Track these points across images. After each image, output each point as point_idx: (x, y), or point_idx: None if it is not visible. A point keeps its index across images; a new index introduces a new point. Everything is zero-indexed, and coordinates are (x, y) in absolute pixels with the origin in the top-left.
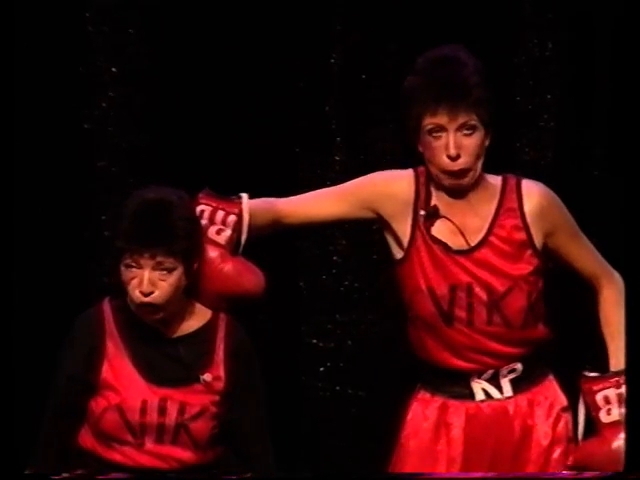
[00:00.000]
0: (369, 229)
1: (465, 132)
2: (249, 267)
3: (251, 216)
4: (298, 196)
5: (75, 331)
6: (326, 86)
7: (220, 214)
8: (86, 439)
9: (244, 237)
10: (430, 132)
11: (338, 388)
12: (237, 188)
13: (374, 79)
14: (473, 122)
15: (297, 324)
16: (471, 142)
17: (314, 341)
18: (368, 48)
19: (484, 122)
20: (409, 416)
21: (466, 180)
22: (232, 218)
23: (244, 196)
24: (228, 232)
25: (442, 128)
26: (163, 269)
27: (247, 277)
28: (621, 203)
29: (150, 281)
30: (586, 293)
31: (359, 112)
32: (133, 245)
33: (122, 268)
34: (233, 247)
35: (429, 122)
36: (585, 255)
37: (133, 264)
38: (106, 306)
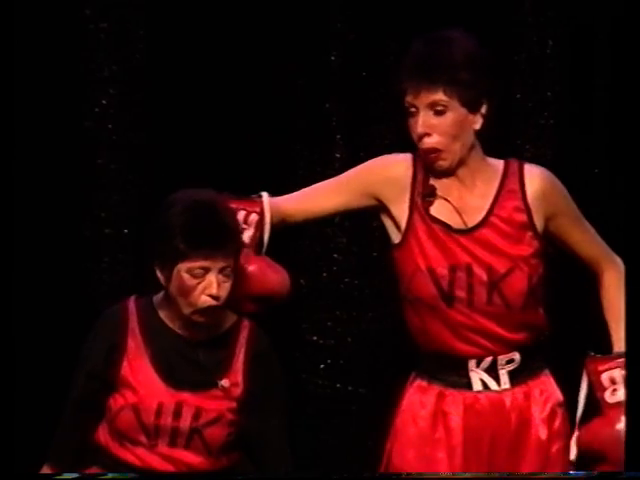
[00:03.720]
0: (369, 227)
1: (436, 110)
2: (274, 267)
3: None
4: (297, 193)
5: (98, 327)
6: (326, 83)
7: (242, 214)
8: (102, 435)
9: (267, 236)
10: (407, 110)
11: (338, 385)
12: (236, 186)
13: (374, 76)
14: (442, 102)
15: (297, 321)
16: (442, 121)
17: (314, 338)
18: (368, 45)
19: (462, 102)
20: (404, 404)
21: (444, 163)
22: (254, 217)
23: (265, 195)
24: (251, 231)
25: (413, 106)
26: (228, 271)
27: (272, 277)
28: (621, 201)
29: (219, 284)
30: (579, 289)
31: (359, 109)
32: (204, 250)
33: (183, 274)
34: (257, 246)
35: (404, 101)
36: (586, 239)
37: (200, 270)
38: (131, 304)
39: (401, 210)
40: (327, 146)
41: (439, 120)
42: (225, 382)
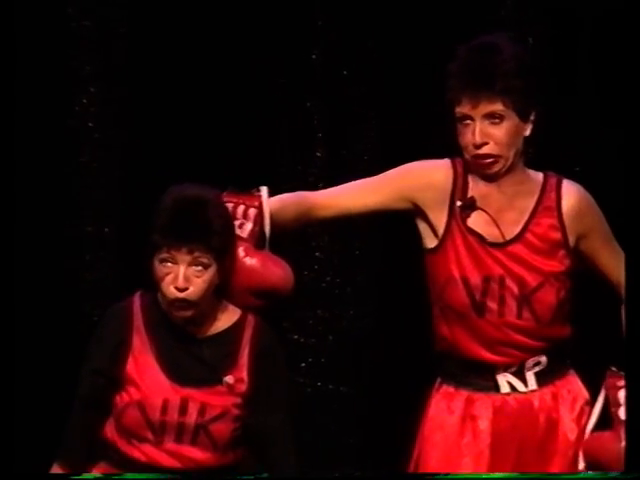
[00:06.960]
0: (350, 225)
1: (493, 121)
2: (276, 261)
3: (279, 209)
4: (331, 189)
5: (103, 324)
6: (307, 82)
7: (241, 208)
8: (109, 432)
9: (268, 229)
10: (460, 120)
11: (319, 384)
12: (219, 183)
13: (355, 75)
14: (500, 111)
15: (279, 320)
16: (498, 131)
17: (295, 337)
18: (349, 44)
19: (516, 111)
20: (432, 410)
21: (496, 167)
22: (253, 211)
23: (263, 189)
24: (250, 225)
25: (469, 117)
26: (199, 265)
27: (273, 271)
28: (605, 200)
29: (185, 277)
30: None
31: (340, 108)
32: (171, 240)
33: (156, 263)
34: (257, 240)
35: (457, 111)
36: (615, 262)
37: (169, 259)
38: (136, 300)
39: (439, 216)
40: (308, 145)
41: (496, 129)
42: (230, 379)
